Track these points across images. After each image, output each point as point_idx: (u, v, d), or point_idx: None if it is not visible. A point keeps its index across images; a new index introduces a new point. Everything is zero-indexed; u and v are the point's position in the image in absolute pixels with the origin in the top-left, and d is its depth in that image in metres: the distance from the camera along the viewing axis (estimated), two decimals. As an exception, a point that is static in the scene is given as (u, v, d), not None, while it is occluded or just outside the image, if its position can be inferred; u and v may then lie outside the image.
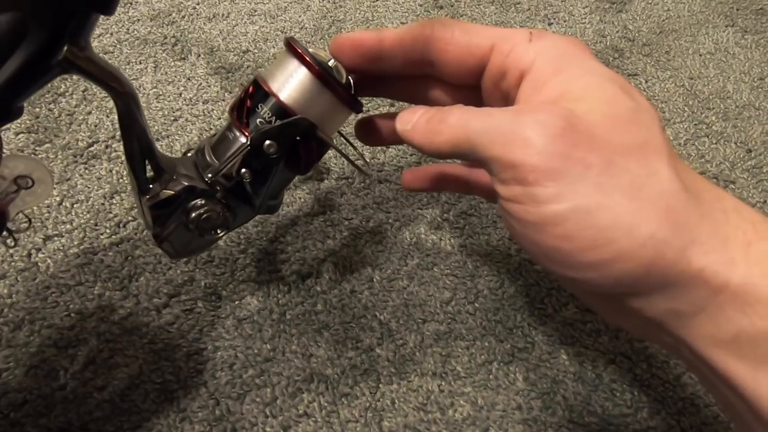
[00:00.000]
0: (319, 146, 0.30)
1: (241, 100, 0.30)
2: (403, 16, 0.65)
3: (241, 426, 0.33)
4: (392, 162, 0.49)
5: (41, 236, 0.41)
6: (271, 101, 0.28)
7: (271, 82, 0.29)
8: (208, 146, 0.31)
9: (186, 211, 0.30)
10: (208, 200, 0.30)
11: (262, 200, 0.31)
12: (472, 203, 0.46)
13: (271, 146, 0.29)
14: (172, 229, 0.31)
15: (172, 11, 0.63)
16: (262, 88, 0.29)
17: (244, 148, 0.29)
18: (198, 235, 0.31)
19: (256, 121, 0.29)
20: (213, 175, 0.30)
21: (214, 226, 0.31)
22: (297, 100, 0.28)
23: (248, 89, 0.30)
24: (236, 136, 0.30)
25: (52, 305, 0.38)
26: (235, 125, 0.30)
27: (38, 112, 0.50)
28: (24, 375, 0.34)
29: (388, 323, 0.39)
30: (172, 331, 0.37)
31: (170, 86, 0.54)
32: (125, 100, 0.26)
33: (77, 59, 0.24)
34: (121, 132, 0.28)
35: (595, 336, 0.39)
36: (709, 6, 0.71)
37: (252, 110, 0.29)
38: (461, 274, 0.42)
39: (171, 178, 0.30)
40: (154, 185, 0.30)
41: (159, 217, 0.30)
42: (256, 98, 0.29)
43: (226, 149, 0.30)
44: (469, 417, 0.35)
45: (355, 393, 0.35)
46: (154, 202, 0.30)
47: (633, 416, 0.35)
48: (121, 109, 0.27)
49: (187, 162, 0.31)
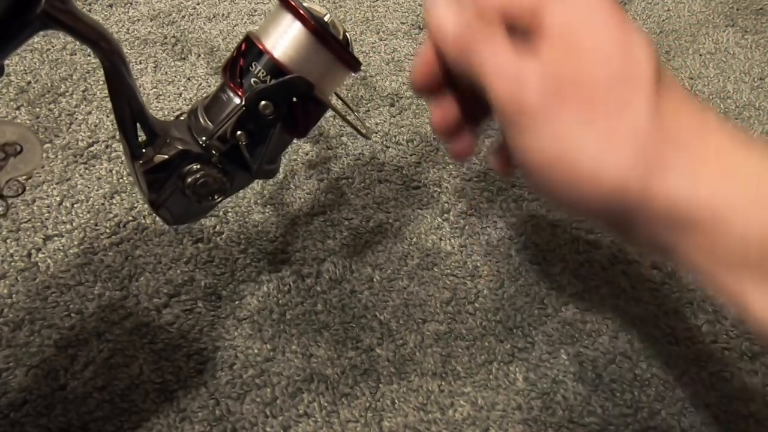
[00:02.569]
0: (317, 107, 0.29)
1: (233, 58, 0.28)
2: (403, 16, 0.65)
3: (241, 426, 0.33)
4: (392, 162, 0.49)
5: (41, 236, 0.41)
6: (265, 59, 0.27)
7: (265, 39, 0.27)
8: (201, 108, 0.30)
9: (181, 176, 0.29)
10: (203, 164, 0.29)
11: (259, 164, 0.30)
12: (471, 203, 0.46)
13: (266, 107, 0.27)
14: (168, 195, 0.30)
15: (172, 11, 0.63)
16: (255, 45, 0.27)
17: (238, 110, 0.28)
18: (195, 201, 0.30)
19: (250, 81, 0.28)
20: (207, 138, 0.29)
21: (211, 192, 0.30)
22: (292, 57, 0.27)
23: (241, 47, 0.28)
24: (230, 97, 0.28)
25: (52, 305, 0.38)
26: (228, 85, 0.28)
27: (38, 112, 0.50)
28: (24, 375, 0.34)
29: (388, 323, 0.39)
30: (172, 331, 0.37)
31: (170, 86, 0.54)
32: (112, 59, 0.25)
33: (58, 12, 0.22)
34: (110, 94, 0.26)
35: (595, 336, 0.39)
36: (709, 6, 0.71)
37: (245, 69, 0.28)
38: (461, 274, 0.42)
39: (164, 142, 0.29)
40: (147, 149, 0.28)
41: (154, 183, 0.29)
42: (249, 56, 0.28)
43: (220, 111, 0.29)
44: (469, 417, 0.35)
45: (355, 393, 0.35)
46: (148, 167, 0.28)
47: (633, 416, 0.35)
48: (108, 68, 0.25)
49: (181, 125, 0.30)
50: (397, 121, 0.53)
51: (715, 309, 0.41)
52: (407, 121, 0.53)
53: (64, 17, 0.23)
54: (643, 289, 0.42)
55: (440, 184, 0.48)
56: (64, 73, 0.54)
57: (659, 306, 0.41)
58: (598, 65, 0.21)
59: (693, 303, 0.41)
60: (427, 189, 0.47)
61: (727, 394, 0.36)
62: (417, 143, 0.51)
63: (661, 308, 0.41)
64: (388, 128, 0.52)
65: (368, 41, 0.62)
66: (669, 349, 0.38)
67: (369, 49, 0.61)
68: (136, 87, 0.27)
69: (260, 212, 0.44)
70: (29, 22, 0.22)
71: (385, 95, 0.55)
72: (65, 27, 0.23)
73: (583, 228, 0.45)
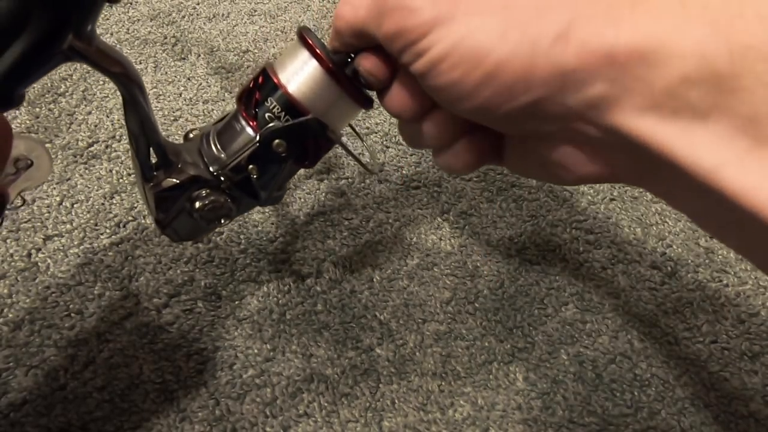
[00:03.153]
0: (328, 142, 0.29)
1: (249, 89, 0.29)
2: (403, 16, 0.65)
3: (241, 426, 0.33)
4: (392, 162, 0.49)
5: (41, 236, 0.41)
6: (279, 93, 0.27)
7: (281, 73, 0.28)
8: (214, 134, 0.30)
9: (191, 199, 0.30)
10: (213, 190, 0.30)
11: (268, 194, 0.31)
12: (471, 203, 0.46)
13: (280, 145, 0.28)
14: (175, 216, 0.30)
15: (172, 11, 0.63)
16: (271, 79, 0.28)
17: (252, 145, 0.28)
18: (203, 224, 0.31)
19: (265, 115, 0.28)
20: (220, 169, 0.29)
21: (219, 216, 0.30)
22: (306, 94, 0.27)
23: (258, 78, 0.29)
24: (243, 128, 0.29)
25: (52, 305, 0.38)
26: (243, 116, 0.29)
27: (38, 112, 0.50)
28: (24, 375, 0.34)
29: (388, 323, 0.39)
30: (172, 331, 0.37)
31: (170, 86, 0.54)
32: (132, 91, 0.26)
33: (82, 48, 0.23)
34: (126, 122, 0.27)
35: (595, 336, 0.39)
36: (709, 6, 0.71)
37: (260, 102, 0.28)
38: (461, 274, 0.42)
39: (176, 167, 0.29)
40: (159, 172, 0.29)
41: (163, 204, 0.30)
42: (264, 89, 0.28)
43: (232, 140, 0.29)
44: (469, 417, 0.35)
45: (355, 393, 0.35)
46: (159, 189, 0.29)
47: (633, 416, 0.35)
48: (127, 99, 0.26)
49: (192, 148, 0.31)
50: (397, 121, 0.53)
51: (715, 309, 0.41)
52: (407, 121, 0.53)
53: (87, 51, 0.23)
54: (643, 289, 0.42)
55: (440, 184, 0.48)
56: (64, 73, 0.54)
57: (659, 306, 0.41)
58: None
59: (693, 303, 0.41)
60: (427, 189, 0.47)
61: (727, 394, 0.36)
62: (417, 143, 0.51)
63: (661, 308, 0.41)
64: (388, 128, 0.52)
65: (368, 41, 0.62)
66: (669, 349, 0.38)
67: (369, 49, 0.61)
68: (153, 116, 0.27)
69: (260, 212, 0.44)
70: (54, 55, 0.22)
71: (385, 95, 0.55)
72: (89, 61, 0.23)
73: (583, 228, 0.45)
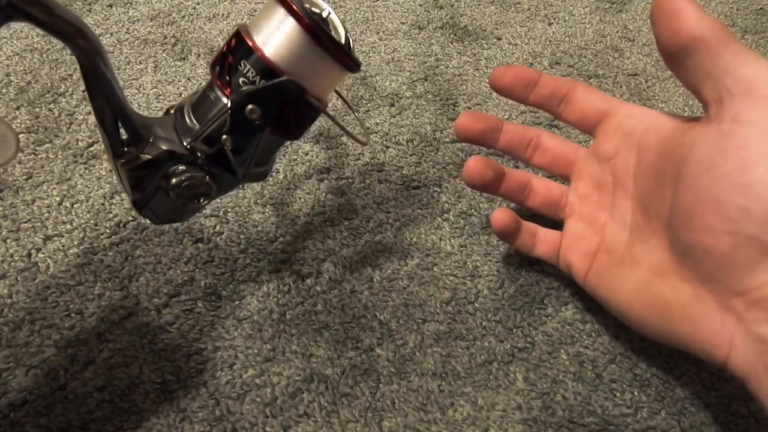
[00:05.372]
0: (310, 110, 0.27)
1: (222, 54, 0.26)
2: (402, 16, 0.65)
3: (241, 426, 0.33)
4: (392, 162, 0.49)
5: (41, 236, 0.41)
6: (255, 57, 0.25)
7: (255, 35, 0.25)
8: (188, 105, 0.28)
9: (166, 176, 0.27)
10: (189, 166, 0.27)
11: (246, 168, 0.28)
12: (471, 203, 0.46)
13: (253, 111, 0.25)
14: (151, 196, 0.28)
15: (172, 11, 0.63)
16: (244, 41, 0.25)
17: (223, 112, 0.26)
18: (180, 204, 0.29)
19: (239, 80, 0.26)
20: (192, 140, 0.27)
21: (197, 195, 0.28)
22: (284, 56, 0.25)
23: (230, 42, 0.26)
24: (217, 96, 0.27)
25: (52, 305, 0.38)
26: (216, 84, 0.27)
27: (38, 112, 0.50)
28: (24, 375, 0.34)
29: (388, 323, 0.39)
30: (172, 331, 0.37)
31: (170, 86, 0.54)
32: (90, 56, 0.23)
33: (25, 4, 0.20)
34: (88, 92, 0.24)
35: (595, 336, 0.39)
36: (709, 6, 0.71)
37: (234, 67, 0.26)
38: (461, 274, 0.42)
39: (148, 141, 0.27)
40: (130, 149, 0.27)
41: (137, 183, 0.28)
42: (238, 53, 0.26)
43: (207, 111, 0.27)
44: (469, 417, 0.35)
45: (355, 393, 0.35)
46: (131, 167, 0.27)
47: (633, 416, 0.35)
48: (85, 66, 0.23)
49: (167, 123, 0.28)
50: (397, 121, 0.53)
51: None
52: (407, 121, 0.53)
53: (33, 9, 0.20)
54: (643, 289, 0.42)
55: (440, 184, 0.48)
56: (64, 73, 0.54)
57: (659, 306, 0.41)
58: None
59: (693, 303, 0.41)
60: (427, 189, 0.47)
61: (727, 394, 0.36)
62: (417, 143, 0.51)
63: (661, 308, 0.41)
64: (388, 128, 0.52)
65: (368, 41, 0.62)
66: (669, 349, 0.38)
67: (369, 49, 0.61)
68: (116, 83, 0.25)
69: (260, 212, 0.44)
70: None
71: (385, 95, 0.55)
72: (34, 20, 0.21)
73: (583, 228, 0.45)
